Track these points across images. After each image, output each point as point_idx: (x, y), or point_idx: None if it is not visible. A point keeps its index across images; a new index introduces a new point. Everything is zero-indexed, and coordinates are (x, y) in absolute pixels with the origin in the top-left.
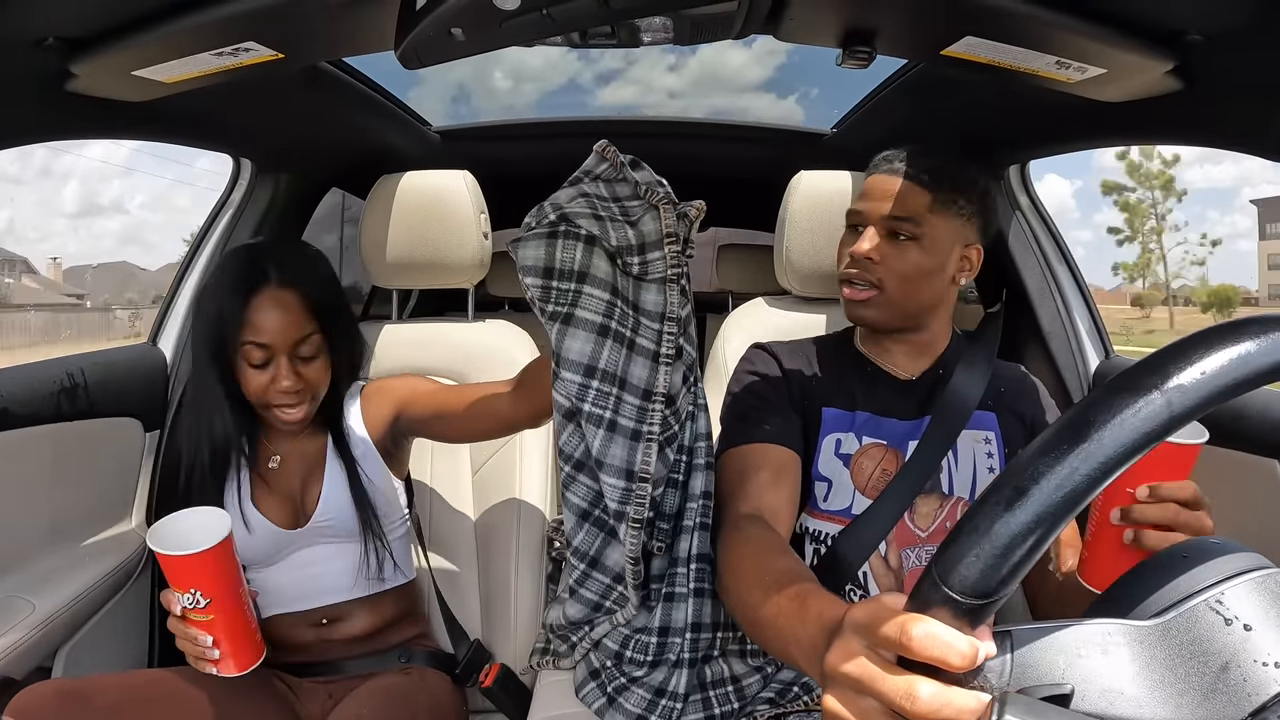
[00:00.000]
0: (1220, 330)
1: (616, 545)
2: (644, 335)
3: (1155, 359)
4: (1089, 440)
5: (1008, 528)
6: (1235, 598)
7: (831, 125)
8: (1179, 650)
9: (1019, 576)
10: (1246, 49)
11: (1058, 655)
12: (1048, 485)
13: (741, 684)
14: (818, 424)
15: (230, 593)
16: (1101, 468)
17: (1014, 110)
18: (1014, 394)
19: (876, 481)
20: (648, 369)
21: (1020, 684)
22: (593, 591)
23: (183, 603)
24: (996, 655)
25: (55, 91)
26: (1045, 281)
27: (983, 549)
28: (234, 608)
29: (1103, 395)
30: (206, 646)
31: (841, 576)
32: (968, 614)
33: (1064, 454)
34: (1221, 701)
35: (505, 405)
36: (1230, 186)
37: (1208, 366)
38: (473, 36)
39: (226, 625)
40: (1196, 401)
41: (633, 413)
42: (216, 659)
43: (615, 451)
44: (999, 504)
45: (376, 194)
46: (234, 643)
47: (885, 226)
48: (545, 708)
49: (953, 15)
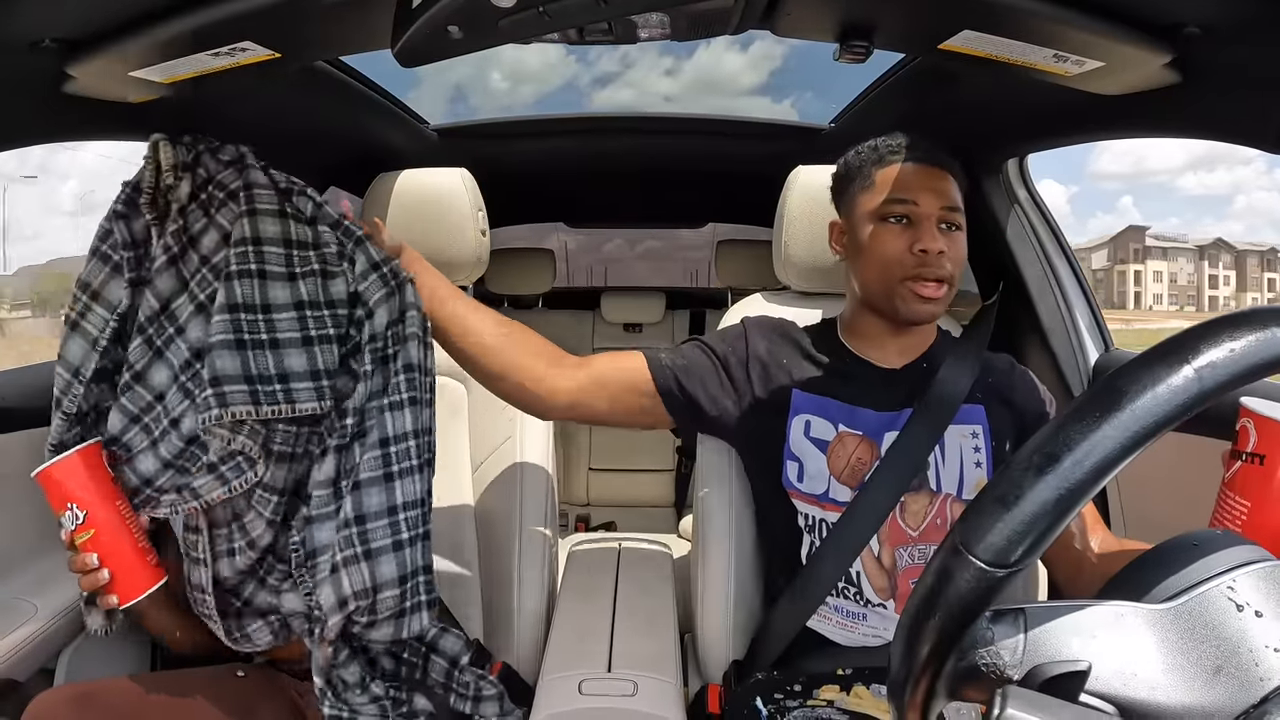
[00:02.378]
0: (1247, 314)
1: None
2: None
3: (1184, 336)
4: (1122, 409)
5: (1037, 494)
6: (1247, 584)
7: (829, 120)
8: (1191, 634)
9: (1045, 544)
10: (1245, 41)
11: (1071, 635)
12: (1079, 452)
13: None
14: (786, 405)
15: (107, 505)
16: (1133, 437)
17: (1012, 104)
18: (1003, 384)
19: (852, 470)
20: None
21: (1034, 662)
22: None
23: (65, 526)
24: (1011, 634)
25: (52, 93)
26: (1044, 275)
27: (1010, 515)
28: (114, 523)
29: (1133, 367)
30: (94, 568)
31: (833, 571)
32: (990, 584)
33: (1097, 422)
34: (1233, 685)
35: None
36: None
37: (1236, 345)
38: (470, 34)
39: (111, 543)
40: (1226, 377)
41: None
42: (106, 583)
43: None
44: (1029, 470)
45: (374, 192)
46: (121, 563)
47: (939, 219)
48: (549, 705)
49: (950, 9)
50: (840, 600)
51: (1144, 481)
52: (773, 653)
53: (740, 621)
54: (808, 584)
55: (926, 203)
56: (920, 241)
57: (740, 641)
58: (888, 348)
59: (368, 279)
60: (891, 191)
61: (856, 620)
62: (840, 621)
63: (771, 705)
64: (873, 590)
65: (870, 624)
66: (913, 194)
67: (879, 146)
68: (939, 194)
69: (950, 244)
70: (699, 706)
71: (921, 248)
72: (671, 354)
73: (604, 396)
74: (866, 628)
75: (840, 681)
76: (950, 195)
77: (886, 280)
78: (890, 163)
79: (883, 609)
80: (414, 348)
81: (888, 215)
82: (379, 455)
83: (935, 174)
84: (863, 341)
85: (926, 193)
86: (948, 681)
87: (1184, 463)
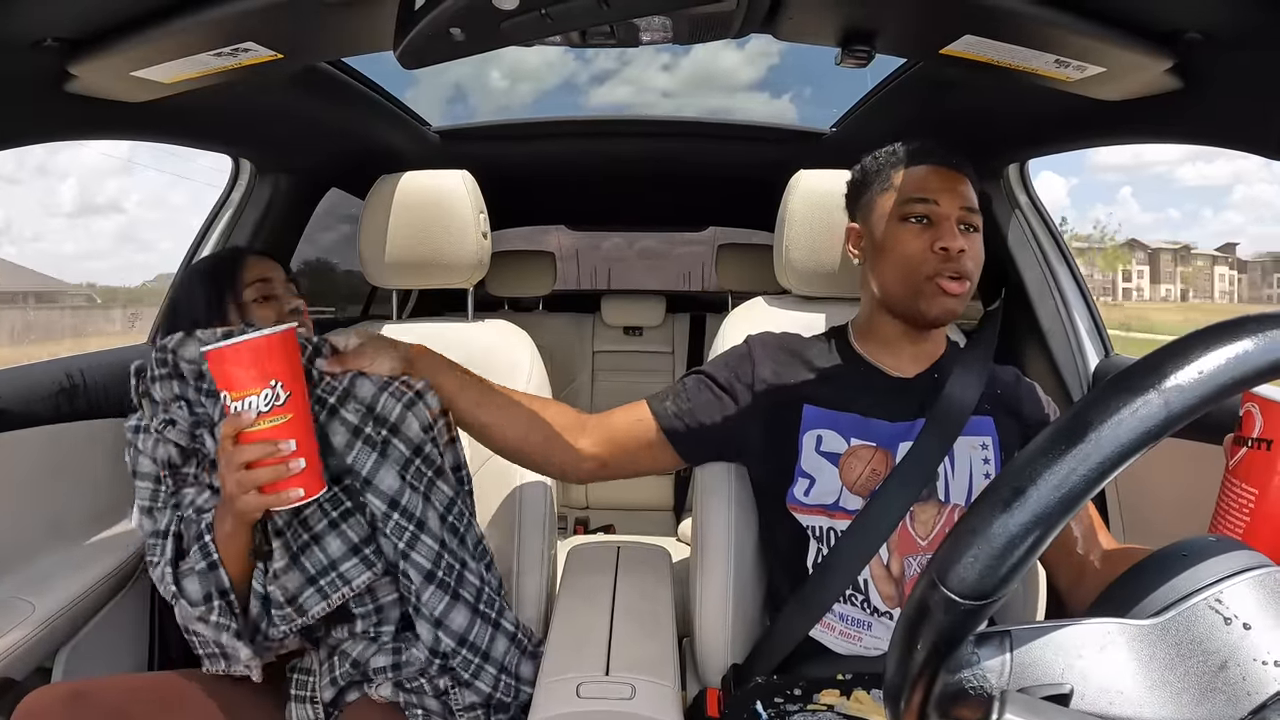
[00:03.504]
0: (1218, 329)
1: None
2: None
3: (1153, 358)
4: (1086, 441)
5: (1005, 528)
6: (1234, 596)
7: (831, 124)
8: (1178, 649)
9: (1017, 577)
10: (1245, 47)
11: (1056, 655)
12: (1045, 486)
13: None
14: (797, 421)
15: (303, 388)
16: (1099, 468)
17: (1013, 109)
18: (1010, 396)
19: (866, 481)
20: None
21: (1019, 684)
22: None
23: (259, 405)
24: (995, 655)
25: (54, 92)
26: (1044, 280)
27: (981, 549)
28: (307, 407)
29: (1100, 396)
30: (290, 454)
31: (842, 579)
32: (965, 615)
33: (1061, 454)
34: (1221, 700)
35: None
36: (1224, 184)
37: (1205, 365)
38: (472, 36)
39: (305, 429)
40: (1194, 401)
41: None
42: (300, 472)
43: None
44: (997, 505)
45: (375, 194)
46: (311, 453)
47: (959, 219)
48: (547, 708)
49: (952, 14)
50: (847, 607)
51: (1143, 485)
52: (774, 659)
53: (739, 625)
54: (815, 590)
55: (946, 203)
56: (941, 240)
57: (739, 645)
58: (902, 355)
59: (380, 400)
60: (912, 192)
61: (861, 629)
62: (844, 631)
63: (771, 709)
64: (880, 598)
65: (875, 633)
66: (933, 194)
67: (898, 150)
68: (958, 195)
69: (969, 244)
70: (697, 710)
71: (943, 245)
72: (676, 398)
73: (624, 456)
74: (871, 637)
75: (840, 686)
76: (968, 197)
77: (910, 279)
78: (910, 165)
79: (889, 618)
80: (457, 448)
81: (909, 216)
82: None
83: (953, 176)
84: (878, 347)
85: (946, 194)
86: (937, 703)
87: (1183, 467)
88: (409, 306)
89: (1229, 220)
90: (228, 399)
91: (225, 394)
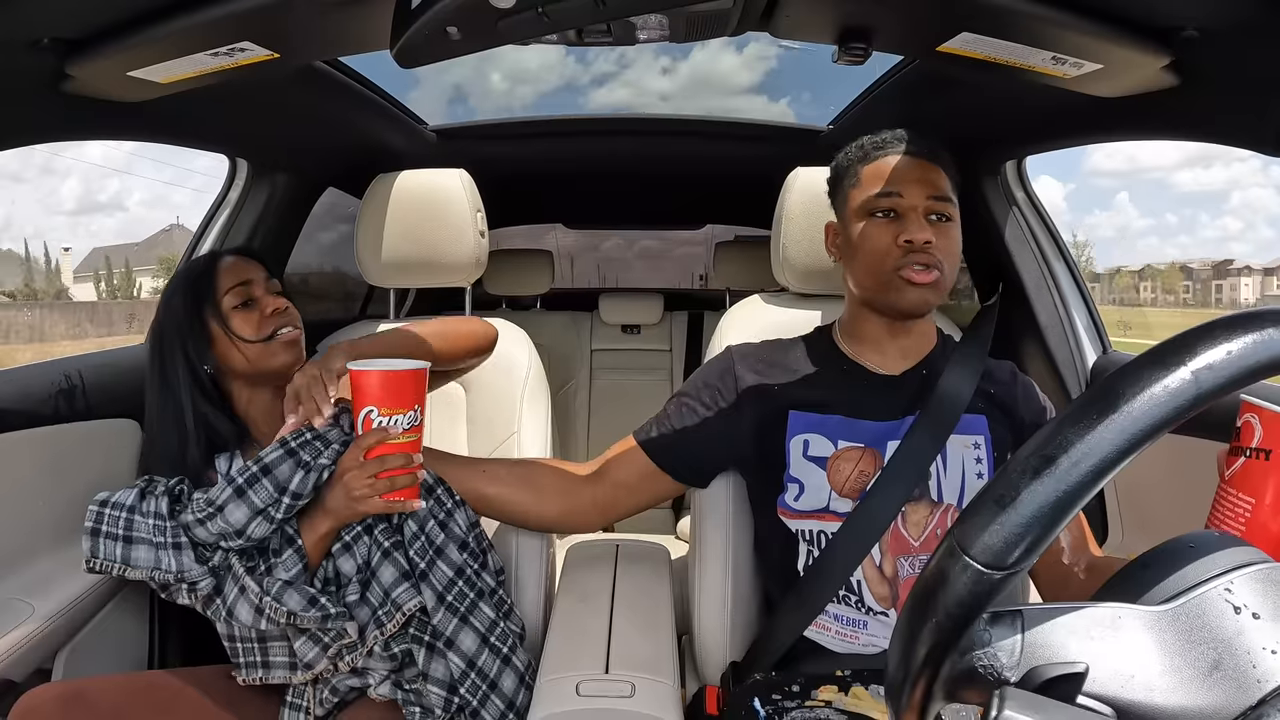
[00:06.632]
0: (1249, 316)
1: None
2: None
3: (1183, 338)
4: (1119, 412)
5: (1034, 496)
6: (1244, 586)
7: (828, 122)
8: (1188, 635)
9: (1041, 548)
10: (1242, 44)
11: (1069, 636)
12: (1076, 454)
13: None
14: (783, 428)
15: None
16: (1131, 440)
17: (1010, 106)
18: (1005, 395)
19: (854, 482)
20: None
21: (1031, 664)
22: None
23: (404, 423)
24: (1008, 635)
25: (51, 92)
26: (1042, 276)
27: (1008, 517)
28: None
29: (1131, 369)
30: (419, 466)
31: (834, 581)
32: (987, 585)
33: (1093, 424)
34: (1230, 687)
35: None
36: (1220, 190)
37: (1234, 347)
38: (469, 35)
39: (420, 448)
40: (1224, 380)
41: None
42: (417, 485)
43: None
44: (1026, 472)
45: (372, 193)
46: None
47: (926, 209)
48: (547, 707)
49: (948, 12)
50: (841, 608)
51: (1142, 483)
52: (772, 657)
53: (738, 623)
54: (807, 593)
55: (911, 194)
56: (906, 232)
57: (738, 643)
58: (887, 351)
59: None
60: (876, 186)
61: (857, 628)
62: (840, 631)
63: (769, 706)
64: (874, 599)
65: (871, 631)
66: (898, 186)
67: (865, 144)
68: (925, 184)
69: (939, 234)
70: (697, 708)
71: (907, 238)
72: (660, 427)
73: (627, 496)
74: (867, 636)
75: (839, 682)
76: (938, 185)
77: (877, 274)
78: (875, 158)
79: (884, 616)
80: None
81: (874, 209)
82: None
83: (922, 165)
84: (861, 345)
85: (912, 184)
86: (945, 684)
87: (1182, 465)
88: (406, 306)
89: (1226, 226)
90: (374, 413)
91: (371, 409)
